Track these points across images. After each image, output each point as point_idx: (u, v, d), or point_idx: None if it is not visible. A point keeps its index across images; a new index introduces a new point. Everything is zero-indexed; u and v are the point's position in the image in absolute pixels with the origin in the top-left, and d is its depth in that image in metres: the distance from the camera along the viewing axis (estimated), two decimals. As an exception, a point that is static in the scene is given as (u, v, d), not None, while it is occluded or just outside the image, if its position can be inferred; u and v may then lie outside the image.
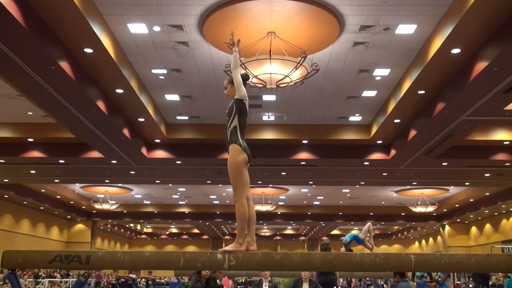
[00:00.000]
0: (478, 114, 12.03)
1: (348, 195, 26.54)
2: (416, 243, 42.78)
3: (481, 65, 9.56)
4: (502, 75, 9.75)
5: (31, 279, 21.99)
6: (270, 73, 9.78)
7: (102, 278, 24.87)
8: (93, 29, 8.95)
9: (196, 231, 44.67)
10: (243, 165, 3.73)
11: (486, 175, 18.63)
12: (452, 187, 24.08)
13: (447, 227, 32.48)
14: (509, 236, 26.85)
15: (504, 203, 24.50)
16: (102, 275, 26.03)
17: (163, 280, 32.79)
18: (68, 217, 31.19)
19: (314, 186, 22.96)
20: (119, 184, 24.14)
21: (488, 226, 29.63)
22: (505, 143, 15.28)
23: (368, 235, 10.34)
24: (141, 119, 14.09)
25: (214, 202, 29.87)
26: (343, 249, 10.02)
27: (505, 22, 8.56)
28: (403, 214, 30.90)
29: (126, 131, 14.09)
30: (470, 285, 18.27)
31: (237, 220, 3.65)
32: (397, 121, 13.97)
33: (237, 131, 3.81)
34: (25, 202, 25.42)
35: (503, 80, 9.99)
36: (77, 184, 24.26)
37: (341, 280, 27.92)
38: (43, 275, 23.58)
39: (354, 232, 13.53)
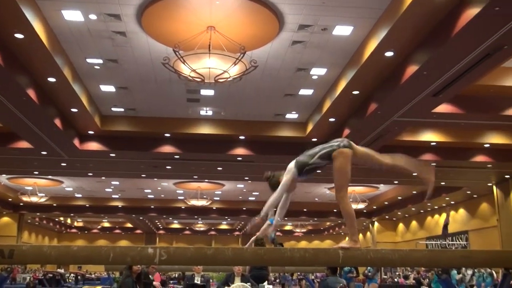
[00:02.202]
0: (408, 115, 12.56)
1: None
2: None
3: (412, 69, 9.98)
4: (431, 79, 10.23)
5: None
6: (209, 68, 9.74)
7: (19, 273, 23.84)
8: (25, 14, 8.55)
9: (129, 225, 43.84)
10: (350, 161, 3.92)
11: (414, 174, 19.38)
12: (381, 185, 25.00)
13: (376, 224, 33.69)
14: (433, 232, 28.26)
15: (429, 201, 25.76)
16: (17, 271, 24.92)
17: (93, 276, 32.01)
18: (-7, 209, 29.78)
19: (250, 181, 23.12)
20: (49, 176, 23.26)
21: (414, 223, 31.04)
22: (432, 144, 16.03)
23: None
24: (74, 110, 13.63)
25: (149, 196, 29.45)
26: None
27: (434, 29, 8.98)
28: (335, 210, 31.68)
29: (57, 122, 13.59)
30: (396, 279, 19.07)
31: (346, 219, 3.67)
32: (332, 119, 14.31)
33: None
34: None
35: (431, 84, 10.49)
36: (3, 175, 23.15)
37: (271, 274, 28.40)
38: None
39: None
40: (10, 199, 28.29)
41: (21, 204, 29.44)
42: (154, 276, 9.98)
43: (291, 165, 3.87)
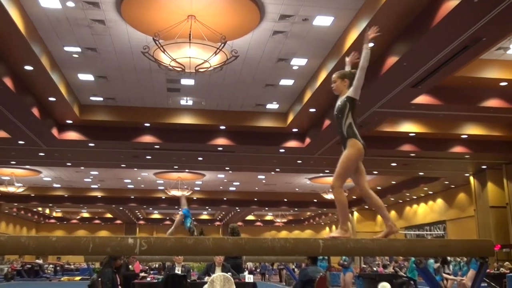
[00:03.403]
0: (387, 106, 12.67)
1: (264, 181, 26.99)
2: (327, 228, 44.40)
3: (392, 60, 10.06)
4: (410, 70, 10.32)
5: None
6: (189, 57, 9.67)
7: None
8: (0, 0, 8.37)
9: (109, 215, 43.53)
10: (359, 159, 3.91)
11: (393, 164, 19.66)
12: (361, 175, 25.18)
13: (356, 214, 34.02)
14: (411, 222, 28.69)
15: (408, 191, 26.11)
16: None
17: (72, 266, 31.80)
18: (-31, 200, 29.28)
19: (230, 172, 23.13)
20: (27, 166, 22.95)
21: (393, 213, 31.40)
22: (410, 134, 16.21)
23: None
24: (52, 99, 13.42)
25: (129, 186, 29.27)
26: None
27: (414, 21, 9.06)
28: (315, 200, 31.97)
29: (35, 111, 13.38)
30: (375, 268, 19.30)
31: (338, 208, 3.73)
32: (312, 110, 14.35)
33: (353, 126, 3.97)
34: None
35: (411, 75, 10.59)
36: (-21, 165, 22.79)
37: (251, 264, 28.53)
38: None
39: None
40: (-14, 189, 27.85)
41: (-2, 194, 29.03)
42: (134, 265, 9.96)
43: None
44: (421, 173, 21.85)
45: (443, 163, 19.04)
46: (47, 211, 42.61)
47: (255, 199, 31.73)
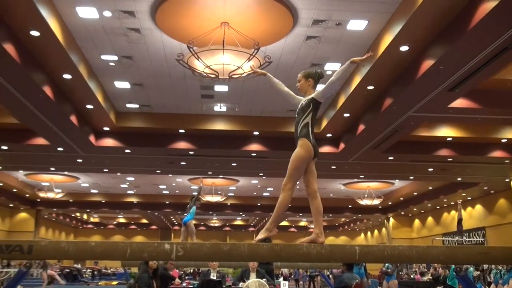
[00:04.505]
0: (423, 110, 12.44)
1: (297, 187, 26.68)
2: (362, 235, 43.90)
3: (427, 63, 9.87)
4: (447, 73, 10.11)
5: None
6: (223, 64, 9.74)
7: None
8: (40, 11, 8.62)
9: (144, 221, 44.14)
10: (308, 160, 3.90)
11: (430, 169, 19.29)
12: (397, 180, 24.82)
13: (391, 220, 33.49)
14: (450, 228, 28.01)
15: (445, 197, 25.52)
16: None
17: (109, 271, 32.31)
18: (11, 205, 30.09)
19: (264, 177, 23.12)
20: (65, 172, 23.51)
21: (430, 219, 30.79)
22: (448, 139, 15.87)
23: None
24: (89, 106, 13.74)
25: (164, 192, 29.59)
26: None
27: (450, 23, 8.87)
28: (350, 206, 31.60)
29: (73, 118, 13.71)
30: (412, 276, 18.95)
31: (277, 207, 3.77)
32: (346, 115, 14.23)
33: (308, 127, 3.98)
34: (-36, 190, 24.40)
35: (448, 79, 10.36)
36: (20, 171, 23.44)
37: (286, 270, 28.40)
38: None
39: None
40: (27, 195, 28.65)
41: (38, 200, 29.83)
42: (172, 272, 10.03)
43: None
44: (459, 178, 21.34)
45: (482, 168, 18.56)
46: (85, 216, 43.47)
47: (289, 205, 31.50)
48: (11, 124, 14.64)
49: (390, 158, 17.42)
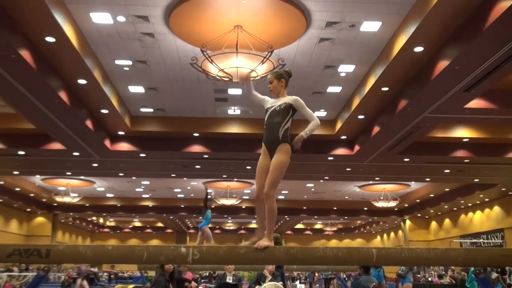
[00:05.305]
0: (439, 111, 12.31)
1: (313, 189, 26.79)
2: (378, 237, 43.59)
3: (442, 64, 9.78)
4: (462, 74, 10.00)
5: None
6: (237, 67, 9.75)
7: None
8: (55, 18, 8.72)
9: (160, 224, 44.31)
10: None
11: (446, 171, 19.10)
12: (413, 182, 24.61)
13: (408, 222, 33.21)
14: (467, 230, 27.68)
15: (462, 198, 25.23)
16: None
17: (126, 274, 32.45)
18: (28, 210, 30.43)
19: (279, 180, 23.02)
20: (81, 177, 23.70)
21: (447, 221, 30.45)
22: (464, 140, 15.70)
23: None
24: (104, 111, 13.84)
25: (179, 195, 29.70)
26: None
27: (465, 23, 8.78)
28: (365, 208, 31.41)
29: (89, 123, 13.83)
30: (429, 278, 18.76)
31: (271, 217, 3.77)
32: (361, 117, 14.15)
33: (288, 131, 4.07)
34: (-18, 195, 24.70)
35: (463, 79, 10.25)
36: (37, 176, 23.68)
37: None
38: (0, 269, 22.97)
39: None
40: (44, 200, 28.96)
41: (55, 204, 30.12)
42: (185, 275, 10.05)
43: None
44: (476, 180, 21.08)
45: (499, 169, 18.31)
46: (101, 220, 43.80)
47: (304, 208, 31.51)
48: (27, 129, 14.81)
49: (406, 159, 17.28)
